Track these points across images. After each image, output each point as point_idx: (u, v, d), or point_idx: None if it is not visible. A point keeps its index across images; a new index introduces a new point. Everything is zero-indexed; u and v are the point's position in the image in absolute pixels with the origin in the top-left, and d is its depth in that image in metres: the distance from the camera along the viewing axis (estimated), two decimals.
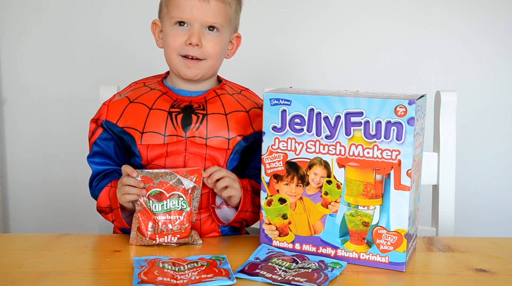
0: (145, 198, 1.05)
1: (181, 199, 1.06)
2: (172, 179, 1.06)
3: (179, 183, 1.06)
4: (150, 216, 1.06)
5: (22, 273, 0.94)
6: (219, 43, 1.14)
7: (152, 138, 1.12)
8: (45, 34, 1.96)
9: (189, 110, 1.13)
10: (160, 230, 1.06)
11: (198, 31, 1.11)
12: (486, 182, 1.99)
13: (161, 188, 1.06)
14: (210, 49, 1.13)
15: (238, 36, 1.21)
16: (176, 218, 1.06)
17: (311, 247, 1.03)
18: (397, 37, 1.93)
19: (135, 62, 1.90)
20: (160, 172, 1.06)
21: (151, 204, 1.06)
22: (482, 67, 1.94)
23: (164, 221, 1.06)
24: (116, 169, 1.18)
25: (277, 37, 1.94)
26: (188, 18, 1.11)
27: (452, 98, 1.29)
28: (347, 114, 0.97)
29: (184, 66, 1.13)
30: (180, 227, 1.06)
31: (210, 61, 1.14)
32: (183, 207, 1.06)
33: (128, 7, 1.92)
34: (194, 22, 1.11)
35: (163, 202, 1.06)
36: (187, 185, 1.06)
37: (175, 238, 1.06)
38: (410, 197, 0.97)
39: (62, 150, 2.00)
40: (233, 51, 1.22)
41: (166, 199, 1.06)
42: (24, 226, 2.05)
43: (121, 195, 1.06)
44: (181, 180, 1.06)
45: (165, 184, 1.06)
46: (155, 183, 1.05)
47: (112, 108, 1.16)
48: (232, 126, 1.14)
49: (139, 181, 1.05)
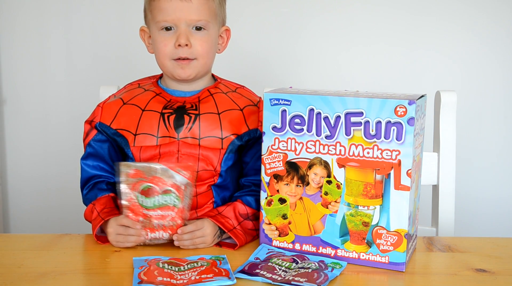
0: (136, 193, 1.04)
1: (173, 195, 1.05)
2: (164, 174, 1.04)
3: (171, 178, 1.04)
4: (140, 211, 1.04)
5: (22, 273, 0.94)
6: (208, 40, 1.14)
7: (145, 140, 1.12)
8: (45, 34, 1.96)
9: (182, 111, 1.13)
10: (151, 225, 1.04)
11: (185, 31, 1.11)
12: (486, 182, 1.99)
13: (153, 182, 1.04)
14: (200, 47, 1.12)
15: (227, 29, 1.21)
16: (168, 214, 1.05)
17: (311, 247, 1.03)
18: (397, 37, 1.93)
19: (135, 62, 1.90)
20: (152, 166, 1.04)
21: (143, 199, 1.04)
22: (482, 67, 1.94)
23: (155, 216, 1.04)
24: (105, 178, 1.17)
25: (277, 37, 1.94)
26: (172, 20, 1.11)
27: (452, 98, 1.29)
28: (347, 114, 0.97)
29: (177, 68, 1.13)
30: (172, 223, 1.05)
31: (201, 60, 1.14)
32: (175, 203, 1.05)
33: (128, 7, 1.92)
34: (179, 23, 1.11)
35: (155, 197, 1.04)
36: (179, 181, 1.05)
37: (166, 234, 1.05)
38: (410, 197, 0.97)
39: (62, 150, 2.00)
40: (224, 45, 1.21)
41: (158, 194, 1.04)
42: (24, 226, 2.05)
43: (117, 242, 1.05)
44: (174, 176, 1.05)
45: (157, 179, 1.04)
46: (147, 178, 1.04)
47: (106, 110, 1.16)
48: (225, 125, 1.13)
49: (136, 225, 1.03)
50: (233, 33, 1.23)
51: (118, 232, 1.04)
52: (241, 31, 1.23)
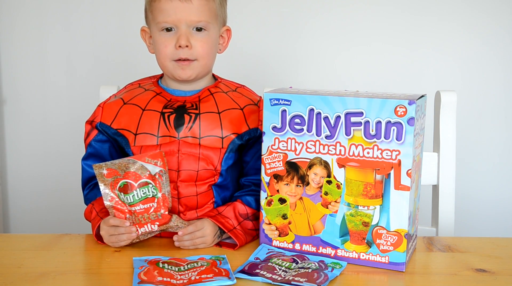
0: (116, 191, 1.04)
1: (150, 186, 1.04)
2: (136, 167, 1.04)
3: (144, 170, 1.04)
4: (124, 209, 1.04)
5: (22, 273, 0.94)
6: (208, 41, 1.14)
7: (146, 139, 1.12)
8: (45, 34, 1.96)
9: (182, 110, 1.13)
10: (138, 220, 1.04)
11: (185, 32, 1.11)
12: (486, 182, 1.99)
13: (128, 178, 1.04)
14: (200, 48, 1.12)
15: (228, 29, 1.20)
16: (151, 206, 1.04)
17: (311, 247, 1.03)
18: (397, 37, 1.93)
19: (135, 62, 1.90)
20: (123, 162, 1.04)
21: (123, 196, 1.04)
22: (482, 67, 1.94)
23: (139, 210, 1.04)
24: None
25: (277, 36, 1.94)
26: (173, 21, 1.10)
27: (452, 98, 1.29)
28: (347, 114, 0.97)
29: (178, 68, 1.13)
30: (156, 214, 1.04)
31: (201, 61, 1.13)
32: (154, 194, 1.04)
33: (128, 7, 1.92)
34: (179, 24, 1.10)
35: (133, 192, 1.03)
36: (152, 170, 1.04)
37: (155, 226, 1.04)
38: (410, 197, 0.97)
39: (62, 150, 2.00)
40: (225, 45, 1.21)
41: (135, 188, 1.04)
42: (24, 226, 2.05)
43: (112, 243, 1.05)
44: (145, 166, 1.04)
45: (131, 174, 1.04)
46: (121, 175, 1.04)
47: (106, 110, 1.16)
48: (226, 125, 1.13)
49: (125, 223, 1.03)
50: (233, 33, 1.22)
51: (110, 233, 1.05)
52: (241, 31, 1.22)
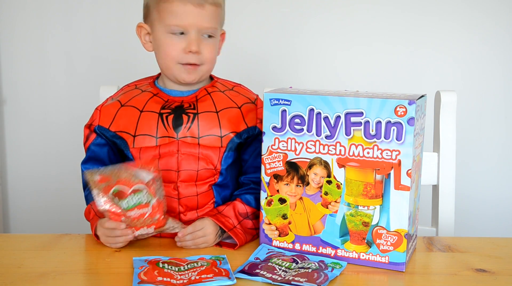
0: (110, 195, 1.03)
1: (144, 192, 1.04)
2: (128, 175, 1.04)
3: (136, 178, 1.04)
4: (119, 212, 1.03)
5: (22, 273, 0.94)
6: (215, 46, 1.14)
7: (145, 141, 1.12)
8: (45, 34, 1.96)
9: (180, 110, 1.13)
10: (134, 224, 1.03)
11: (196, 38, 1.10)
12: (486, 182, 1.99)
13: (121, 184, 1.03)
14: (208, 54, 1.13)
15: (224, 33, 1.20)
16: (145, 212, 1.04)
17: (311, 247, 1.03)
18: (398, 37, 1.93)
19: (135, 62, 1.90)
20: (115, 168, 1.04)
21: (118, 201, 1.03)
22: (482, 67, 1.94)
23: (134, 216, 1.03)
24: None
25: (277, 36, 1.94)
26: (184, 26, 1.10)
27: (452, 98, 1.29)
28: (347, 114, 0.97)
29: (184, 72, 1.13)
30: (152, 218, 1.04)
31: (207, 65, 1.14)
32: (149, 200, 1.04)
33: (128, 7, 1.92)
34: (191, 29, 1.10)
35: (127, 199, 1.03)
36: (145, 178, 1.04)
37: (151, 229, 1.04)
38: (410, 197, 0.97)
39: (62, 150, 2.00)
40: (220, 47, 1.21)
41: (128, 195, 1.03)
42: (24, 226, 2.05)
43: (109, 244, 1.06)
44: (138, 174, 1.04)
45: (123, 181, 1.03)
46: (113, 181, 1.03)
47: (104, 113, 1.16)
48: (224, 123, 1.13)
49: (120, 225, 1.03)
50: (233, 33, 1.23)
51: (106, 235, 1.05)
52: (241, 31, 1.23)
